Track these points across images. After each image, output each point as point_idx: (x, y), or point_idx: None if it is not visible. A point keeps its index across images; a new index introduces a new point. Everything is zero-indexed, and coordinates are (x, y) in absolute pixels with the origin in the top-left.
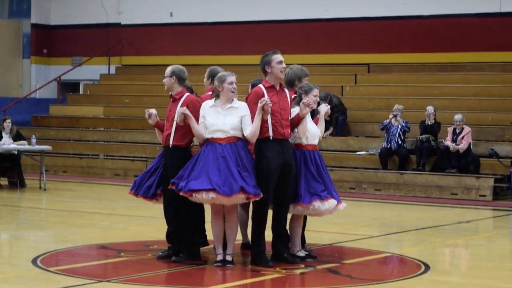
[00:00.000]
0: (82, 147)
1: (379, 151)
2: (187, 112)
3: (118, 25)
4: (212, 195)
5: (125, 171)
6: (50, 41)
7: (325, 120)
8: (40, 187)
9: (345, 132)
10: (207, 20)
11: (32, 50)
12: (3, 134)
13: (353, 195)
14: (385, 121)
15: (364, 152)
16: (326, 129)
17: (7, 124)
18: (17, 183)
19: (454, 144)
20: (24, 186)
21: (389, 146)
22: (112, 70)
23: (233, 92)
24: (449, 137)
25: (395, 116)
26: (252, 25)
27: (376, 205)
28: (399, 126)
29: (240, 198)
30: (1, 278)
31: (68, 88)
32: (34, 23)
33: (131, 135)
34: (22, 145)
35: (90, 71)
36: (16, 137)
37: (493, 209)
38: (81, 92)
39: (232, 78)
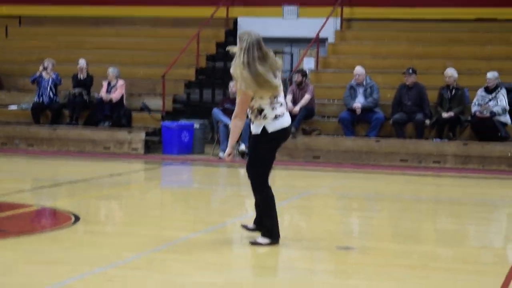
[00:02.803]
0: None
1: (31, 105)
2: None
3: None
4: None
5: None
6: None
7: None
8: None
9: None
10: None
11: None
12: None
13: (5, 151)
14: (35, 74)
15: (15, 107)
16: None
17: None
18: None
19: (108, 95)
20: None
21: (41, 100)
22: None
23: None
24: (104, 89)
25: (45, 68)
26: None
27: (28, 160)
28: (50, 79)
29: None
30: None
31: None
32: None
33: None
34: None
35: None
36: None
37: (145, 162)
38: None
39: None
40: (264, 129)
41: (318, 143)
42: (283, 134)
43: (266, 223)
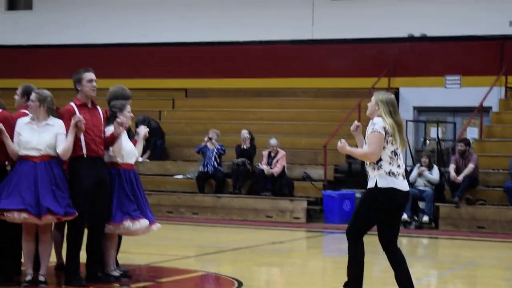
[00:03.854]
0: None
1: (196, 175)
2: (2, 127)
3: None
4: (24, 215)
5: None
6: None
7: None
8: None
9: (163, 156)
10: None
11: None
12: None
13: (170, 219)
14: (200, 145)
15: (181, 176)
16: (144, 152)
17: None
18: None
19: (269, 167)
20: None
21: (205, 169)
22: None
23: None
24: (265, 160)
25: (210, 139)
26: (64, 49)
27: (193, 228)
28: (215, 150)
29: (49, 219)
30: None
31: None
32: None
33: None
34: None
35: None
36: None
37: (307, 231)
38: None
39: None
40: (375, 185)
41: (483, 213)
42: (393, 196)
43: (352, 274)
